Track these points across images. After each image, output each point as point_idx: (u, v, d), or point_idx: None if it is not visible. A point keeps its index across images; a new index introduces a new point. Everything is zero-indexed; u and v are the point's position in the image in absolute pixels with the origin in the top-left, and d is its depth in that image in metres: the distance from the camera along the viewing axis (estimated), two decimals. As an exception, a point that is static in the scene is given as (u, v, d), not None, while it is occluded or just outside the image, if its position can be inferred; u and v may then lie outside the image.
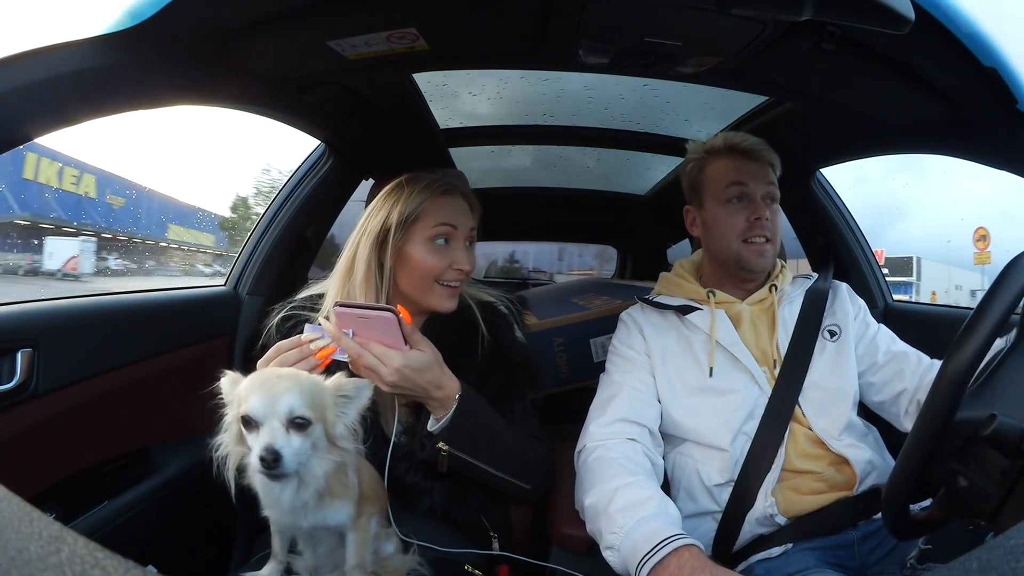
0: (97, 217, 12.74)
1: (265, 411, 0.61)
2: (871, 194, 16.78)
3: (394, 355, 0.77)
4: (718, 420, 0.96)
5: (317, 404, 0.64)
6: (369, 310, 0.78)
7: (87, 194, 12.07)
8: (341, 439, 0.66)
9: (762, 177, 1.04)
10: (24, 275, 8.98)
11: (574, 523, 0.92)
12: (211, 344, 1.22)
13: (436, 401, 0.82)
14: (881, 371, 1.02)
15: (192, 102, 0.92)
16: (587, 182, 2.17)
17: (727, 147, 1.07)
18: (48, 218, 10.36)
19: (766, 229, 1.02)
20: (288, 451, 0.60)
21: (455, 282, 0.94)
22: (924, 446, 0.59)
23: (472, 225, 0.97)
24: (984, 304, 0.60)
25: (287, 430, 0.61)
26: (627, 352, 1.05)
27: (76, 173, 11.52)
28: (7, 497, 0.27)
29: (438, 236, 0.93)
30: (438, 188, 0.95)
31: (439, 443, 0.81)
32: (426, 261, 0.92)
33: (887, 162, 6.70)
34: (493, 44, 0.94)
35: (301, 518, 0.68)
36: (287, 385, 0.63)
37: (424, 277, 0.93)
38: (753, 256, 1.02)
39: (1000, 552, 0.25)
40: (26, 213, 9.64)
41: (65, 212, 11.35)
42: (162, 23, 0.68)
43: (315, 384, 0.67)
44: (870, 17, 0.62)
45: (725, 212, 1.04)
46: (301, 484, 0.65)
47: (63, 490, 0.89)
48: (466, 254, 0.95)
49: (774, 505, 0.91)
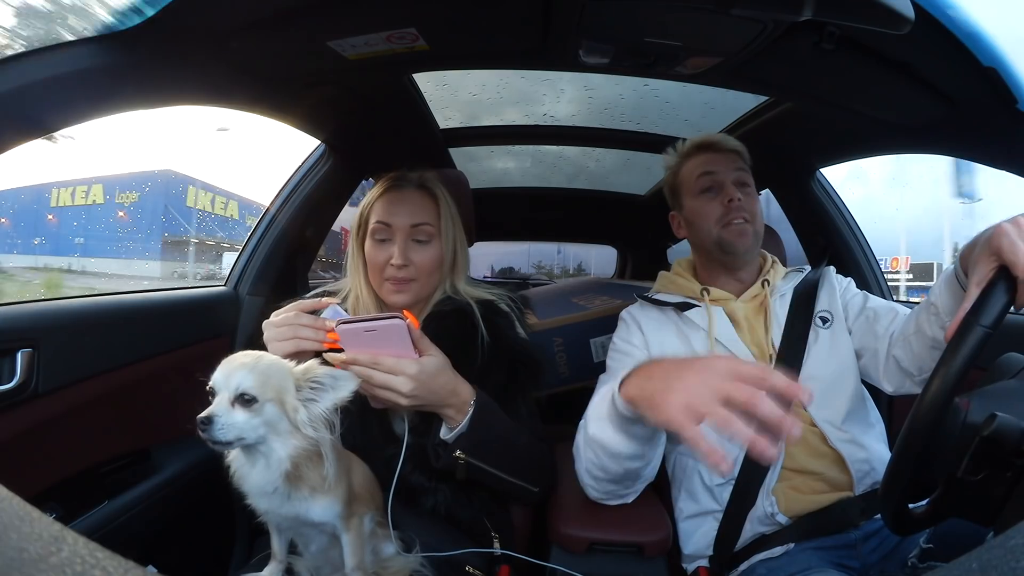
0: (242, 234, 16.07)
1: (219, 385, 0.65)
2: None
3: (408, 363, 0.76)
4: None
5: (271, 385, 0.65)
6: (374, 321, 0.75)
7: (232, 216, 15.22)
8: (304, 425, 0.66)
9: (729, 164, 1.07)
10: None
11: (574, 523, 0.92)
12: (211, 344, 1.22)
13: (452, 408, 0.81)
14: (856, 335, 1.02)
15: (192, 102, 0.92)
16: (587, 182, 2.17)
17: (693, 147, 1.11)
18: (212, 236, 13.36)
19: (742, 211, 1.03)
20: (222, 420, 0.62)
21: (397, 279, 0.94)
22: (913, 443, 0.59)
23: (414, 222, 0.94)
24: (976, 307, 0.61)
25: (232, 404, 0.63)
26: (626, 347, 1.05)
27: (224, 200, 14.75)
28: (7, 497, 0.27)
29: (375, 232, 0.95)
30: (386, 185, 0.98)
31: (456, 451, 0.80)
32: (370, 257, 0.96)
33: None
34: (493, 44, 0.94)
35: (276, 504, 0.69)
36: (243, 362, 0.66)
37: (373, 272, 0.97)
38: (734, 236, 1.03)
39: (1000, 552, 0.25)
40: (193, 233, 12.70)
41: (219, 231, 14.54)
42: (162, 23, 0.68)
43: (274, 366, 0.67)
44: (870, 17, 0.63)
45: (700, 202, 1.08)
46: (267, 465, 0.66)
47: (63, 490, 0.89)
48: (402, 250, 0.93)
49: (775, 504, 0.91)
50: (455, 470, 0.82)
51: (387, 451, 0.87)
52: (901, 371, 0.91)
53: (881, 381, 0.97)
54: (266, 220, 1.41)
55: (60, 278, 3.91)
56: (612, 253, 3.21)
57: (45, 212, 5.31)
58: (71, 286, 1.83)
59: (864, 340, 0.99)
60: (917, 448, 0.60)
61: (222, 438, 0.62)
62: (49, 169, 9.72)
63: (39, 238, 5.13)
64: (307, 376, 0.68)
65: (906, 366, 0.89)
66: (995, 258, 0.63)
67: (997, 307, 0.60)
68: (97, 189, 5.66)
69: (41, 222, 5.25)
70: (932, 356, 0.83)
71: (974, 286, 0.64)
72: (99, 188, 5.72)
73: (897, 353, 0.91)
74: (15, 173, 5.70)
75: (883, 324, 0.97)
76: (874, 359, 0.97)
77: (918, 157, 1.24)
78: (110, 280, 2.80)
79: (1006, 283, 0.61)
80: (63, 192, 5.63)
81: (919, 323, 0.84)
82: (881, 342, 0.95)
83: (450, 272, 1.00)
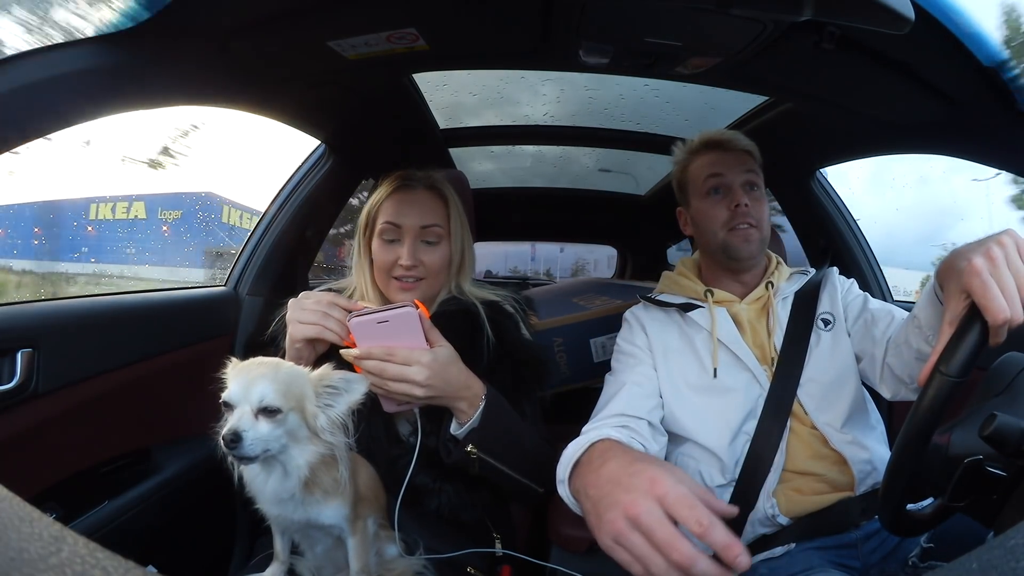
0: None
1: (239, 397, 0.63)
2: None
3: (421, 353, 0.76)
4: (719, 420, 0.96)
5: (292, 393, 0.64)
6: (386, 312, 0.76)
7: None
8: (323, 431, 0.66)
9: (738, 165, 1.05)
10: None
11: (574, 523, 0.92)
12: (211, 344, 1.22)
13: (465, 401, 0.81)
14: (854, 339, 1.00)
15: (192, 102, 0.92)
16: (587, 182, 2.17)
17: (703, 144, 1.09)
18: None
19: (749, 216, 1.02)
20: (250, 434, 0.60)
21: (406, 278, 0.94)
22: (912, 445, 0.60)
23: (423, 223, 0.95)
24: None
25: (256, 416, 0.62)
26: (630, 348, 1.05)
27: (249, 216, 15.43)
28: (7, 497, 0.27)
29: (384, 233, 0.95)
30: (395, 185, 0.97)
31: (467, 446, 0.80)
32: (378, 257, 0.96)
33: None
34: (493, 44, 0.94)
35: (290, 511, 0.68)
36: (262, 372, 0.64)
37: (380, 271, 0.96)
38: (739, 242, 1.02)
39: (1000, 552, 0.25)
40: (232, 245, 13.54)
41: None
42: (162, 23, 0.68)
43: (293, 374, 0.67)
44: (870, 17, 0.63)
45: (707, 204, 1.06)
46: (284, 473, 0.65)
47: (63, 490, 0.89)
48: (410, 251, 0.93)
49: (775, 506, 0.90)
50: (466, 466, 0.81)
51: (392, 452, 0.86)
52: (895, 378, 0.90)
53: (879, 386, 0.96)
54: (266, 220, 1.41)
55: (117, 282, 4.21)
56: (577, 254, 3.23)
57: (84, 224, 5.71)
58: (130, 288, 1.87)
59: (862, 344, 0.99)
60: (901, 486, 0.61)
61: (251, 453, 0.61)
62: (83, 185, 10.00)
63: (83, 247, 5.59)
64: (323, 381, 0.68)
65: (899, 374, 0.88)
66: (966, 295, 0.60)
67: (965, 353, 0.58)
68: (139, 206, 6.08)
69: (80, 233, 5.65)
70: (919, 367, 0.81)
71: (947, 324, 0.62)
72: (141, 205, 6.11)
73: (891, 360, 0.90)
74: (46, 188, 6.10)
75: (880, 328, 0.96)
76: (871, 364, 0.96)
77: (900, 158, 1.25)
78: (162, 283, 2.99)
79: (979, 323, 0.58)
80: (103, 207, 6.07)
81: (907, 334, 0.83)
82: (878, 347, 0.94)
83: (456, 272, 1.00)
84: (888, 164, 1.66)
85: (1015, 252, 0.60)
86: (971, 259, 0.59)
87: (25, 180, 5.83)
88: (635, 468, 0.58)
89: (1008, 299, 0.57)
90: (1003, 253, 0.59)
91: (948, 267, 0.66)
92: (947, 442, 0.58)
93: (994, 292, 0.57)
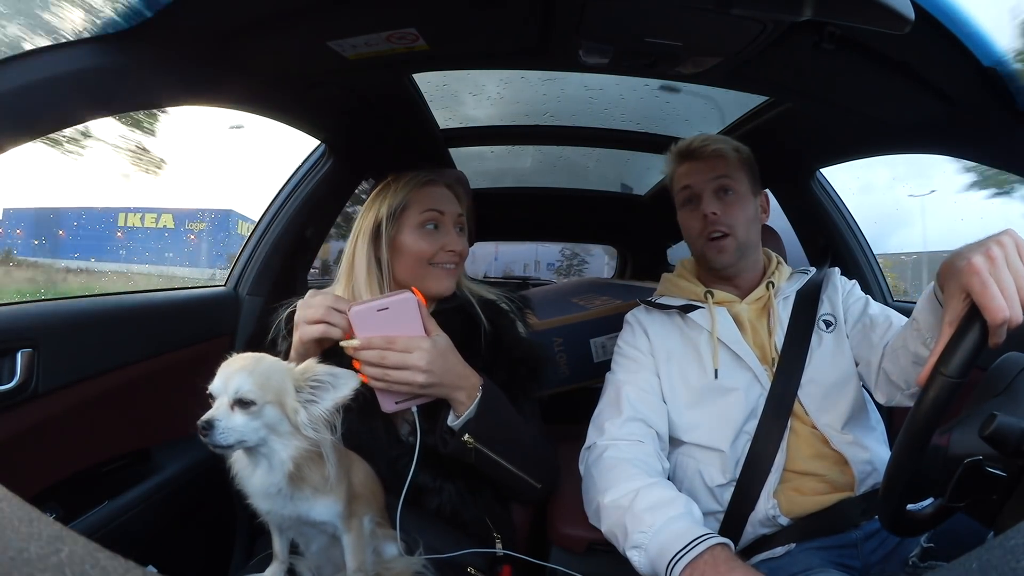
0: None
1: (220, 388, 0.65)
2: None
3: (421, 339, 0.77)
4: (720, 420, 0.96)
5: (270, 387, 0.65)
6: (386, 299, 0.76)
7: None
8: (304, 426, 0.66)
9: (708, 172, 1.04)
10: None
11: (574, 523, 0.92)
12: (211, 344, 1.22)
13: (463, 391, 0.81)
14: (852, 342, 1.00)
15: (192, 102, 0.92)
16: (587, 182, 2.17)
17: (677, 154, 1.10)
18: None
19: (719, 224, 1.01)
20: (223, 424, 0.62)
21: (449, 264, 0.97)
22: (912, 446, 0.60)
23: (459, 211, 0.99)
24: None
25: (232, 407, 0.63)
26: (632, 352, 1.05)
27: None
28: (7, 497, 0.27)
29: (427, 222, 0.96)
30: (421, 179, 0.99)
31: (464, 436, 0.80)
32: (418, 246, 0.95)
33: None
34: (493, 44, 0.94)
35: (279, 506, 0.69)
36: (242, 365, 0.66)
37: (419, 261, 0.95)
38: (713, 253, 1.03)
39: (1000, 552, 0.25)
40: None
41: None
42: (162, 23, 0.68)
43: (273, 368, 0.67)
44: (870, 17, 0.63)
45: (683, 216, 1.09)
46: (269, 467, 0.66)
47: (63, 490, 0.89)
48: (457, 237, 0.98)
49: (776, 507, 0.91)
50: (463, 456, 0.82)
51: (391, 453, 0.86)
52: (891, 384, 0.89)
53: (874, 391, 0.95)
54: (266, 220, 1.41)
55: (158, 280, 4.63)
56: (556, 252, 3.25)
57: (114, 230, 6.35)
58: (173, 285, 2.01)
59: (859, 349, 0.98)
60: (901, 486, 0.61)
61: (223, 442, 0.62)
62: (113, 197, 10.36)
63: (122, 250, 6.28)
64: (306, 376, 0.68)
65: (895, 379, 0.88)
66: (966, 295, 0.60)
67: (965, 353, 0.57)
68: (167, 217, 6.83)
69: (111, 238, 6.29)
70: (916, 371, 0.80)
71: (947, 325, 0.61)
72: (169, 217, 6.83)
73: (887, 366, 0.90)
74: (76, 195, 6.99)
75: (877, 334, 0.95)
76: (867, 369, 0.96)
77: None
78: (196, 283, 3.38)
79: (978, 323, 0.58)
80: (131, 216, 6.70)
81: (905, 338, 0.83)
82: (874, 353, 0.94)
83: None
84: (834, 172, 1.71)
85: (1015, 252, 0.60)
86: (970, 259, 0.59)
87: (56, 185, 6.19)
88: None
89: (1008, 299, 0.57)
90: (1003, 253, 0.59)
91: (948, 267, 0.65)
92: (947, 442, 0.59)
93: (993, 292, 0.57)
